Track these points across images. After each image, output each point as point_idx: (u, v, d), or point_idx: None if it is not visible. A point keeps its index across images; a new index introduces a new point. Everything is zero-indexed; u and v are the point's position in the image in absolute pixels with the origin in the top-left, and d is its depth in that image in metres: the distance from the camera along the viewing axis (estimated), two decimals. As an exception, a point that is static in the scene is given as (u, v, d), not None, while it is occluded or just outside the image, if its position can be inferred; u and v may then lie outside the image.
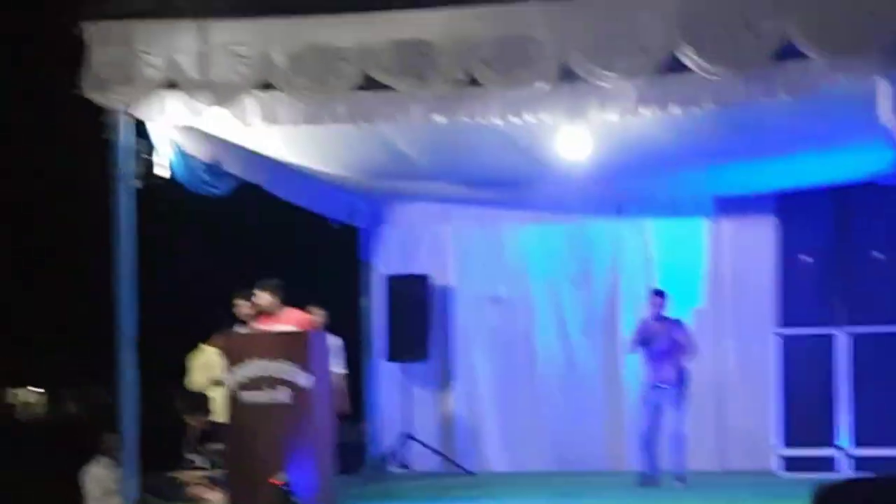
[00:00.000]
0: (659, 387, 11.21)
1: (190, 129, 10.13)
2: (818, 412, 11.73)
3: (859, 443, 11.65)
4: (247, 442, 9.30)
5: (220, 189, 10.78)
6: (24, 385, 26.51)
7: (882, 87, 8.46)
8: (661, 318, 11.30)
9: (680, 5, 8.60)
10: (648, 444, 11.24)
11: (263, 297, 9.90)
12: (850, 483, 3.71)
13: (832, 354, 11.81)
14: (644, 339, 11.29)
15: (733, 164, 10.87)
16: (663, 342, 11.20)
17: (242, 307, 10.38)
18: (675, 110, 8.93)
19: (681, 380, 11.23)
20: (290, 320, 9.84)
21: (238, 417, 9.40)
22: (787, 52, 8.50)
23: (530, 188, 11.88)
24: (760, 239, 12.36)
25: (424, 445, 12.90)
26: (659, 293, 11.42)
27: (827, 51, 8.35)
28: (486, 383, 13.18)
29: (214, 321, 10.88)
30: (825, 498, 3.71)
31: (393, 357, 13.14)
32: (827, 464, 11.63)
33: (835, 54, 8.35)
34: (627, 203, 12.67)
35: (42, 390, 26.92)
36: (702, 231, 12.72)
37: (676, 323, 11.37)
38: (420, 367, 13.18)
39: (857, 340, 11.71)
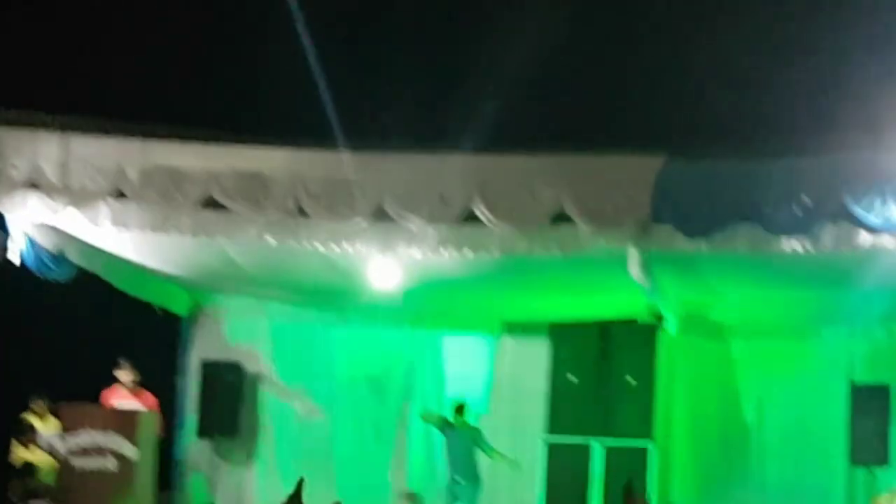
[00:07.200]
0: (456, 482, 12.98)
1: (42, 225, 11.44)
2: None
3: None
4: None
5: (62, 275, 12.11)
6: None
7: (632, 252, 10.40)
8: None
9: (477, 168, 10.41)
10: None
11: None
12: None
13: (589, 461, 13.55)
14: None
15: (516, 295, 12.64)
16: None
17: None
18: (469, 254, 10.68)
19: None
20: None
21: (68, 480, 10.72)
22: (562, 217, 10.39)
23: (344, 301, 13.45)
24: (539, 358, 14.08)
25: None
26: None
27: (592, 220, 10.25)
28: (285, 463, 14.51)
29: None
30: None
31: (202, 433, 14.41)
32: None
33: (597, 223, 10.24)
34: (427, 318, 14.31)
35: None
36: (491, 347, 14.39)
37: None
38: (229, 443, 14.45)
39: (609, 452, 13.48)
